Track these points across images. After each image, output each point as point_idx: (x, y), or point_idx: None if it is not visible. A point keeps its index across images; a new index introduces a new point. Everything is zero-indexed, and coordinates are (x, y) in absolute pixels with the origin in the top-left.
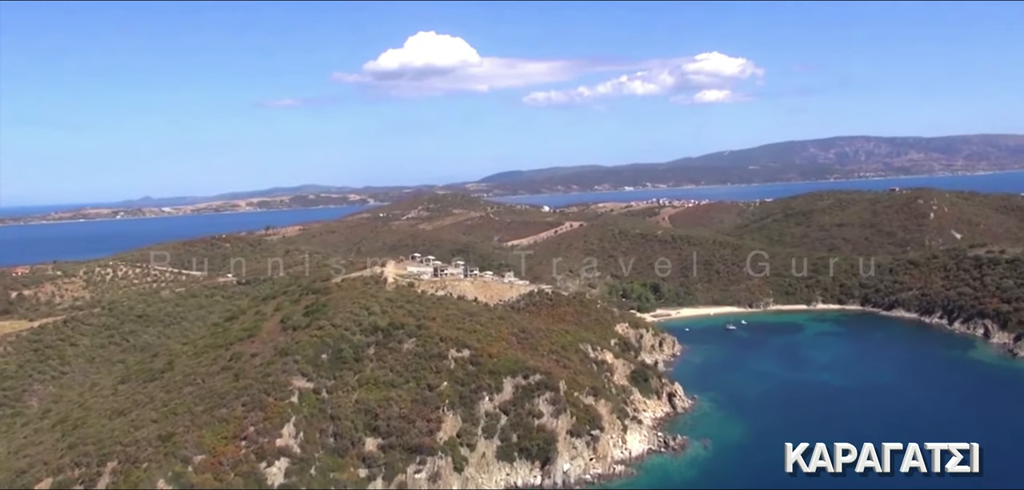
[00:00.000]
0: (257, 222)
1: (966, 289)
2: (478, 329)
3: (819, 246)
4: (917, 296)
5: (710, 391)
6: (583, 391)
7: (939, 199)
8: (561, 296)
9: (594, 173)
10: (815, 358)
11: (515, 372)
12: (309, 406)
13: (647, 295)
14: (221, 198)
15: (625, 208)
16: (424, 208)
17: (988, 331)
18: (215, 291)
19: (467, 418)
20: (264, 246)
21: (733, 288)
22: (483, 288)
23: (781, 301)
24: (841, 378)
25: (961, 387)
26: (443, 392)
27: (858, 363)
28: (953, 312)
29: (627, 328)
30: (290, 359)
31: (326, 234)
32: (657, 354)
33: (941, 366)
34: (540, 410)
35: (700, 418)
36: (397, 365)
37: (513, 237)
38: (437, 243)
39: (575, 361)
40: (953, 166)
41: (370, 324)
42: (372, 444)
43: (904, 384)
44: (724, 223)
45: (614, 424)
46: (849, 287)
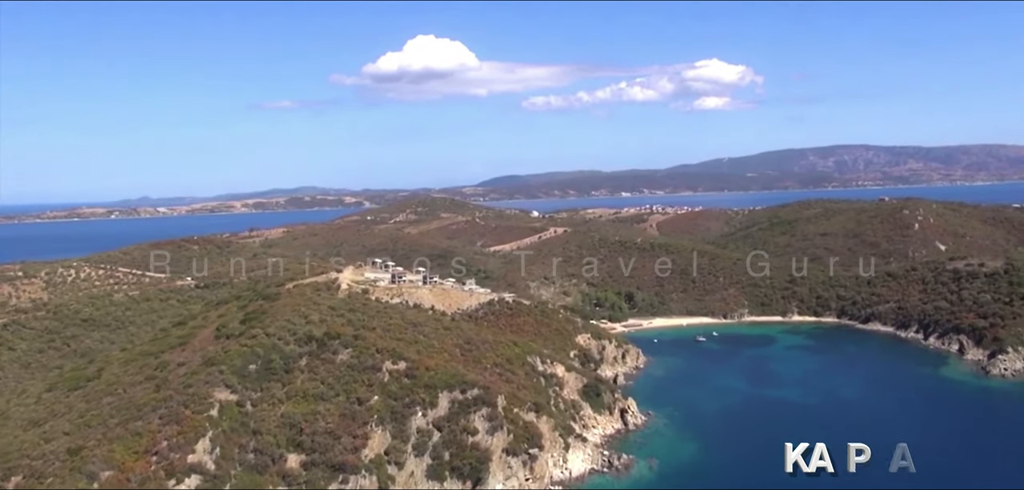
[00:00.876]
0: (249, 223)
1: (943, 303)
2: (420, 340)
3: (801, 256)
4: (894, 309)
5: (668, 407)
6: (524, 407)
7: (925, 210)
8: (522, 305)
9: (592, 178)
10: (782, 373)
11: (452, 386)
12: (230, 419)
13: (620, 304)
14: (219, 199)
15: (614, 214)
16: (412, 212)
17: (963, 347)
18: (171, 295)
19: (397, 434)
20: (233, 249)
21: (708, 298)
22: (442, 296)
23: (756, 312)
24: (805, 395)
25: (925, 408)
26: (373, 406)
27: (824, 379)
28: (929, 327)
29: (589, 339)
30: (215, 369)
31: (308, 237)
32: (619, 366)
33: (909, 385)
34: (475, 427)
35: (652, 436)
36: (329, 377)
37: (497, 242)
38: (417, 247)
39: (520, 375)
40: (952, 176)
41: (305, 333)
42: (295, 461)
43: (867, 403)
44: (711, 231)
45: (555, 442)
46: (826, 299)
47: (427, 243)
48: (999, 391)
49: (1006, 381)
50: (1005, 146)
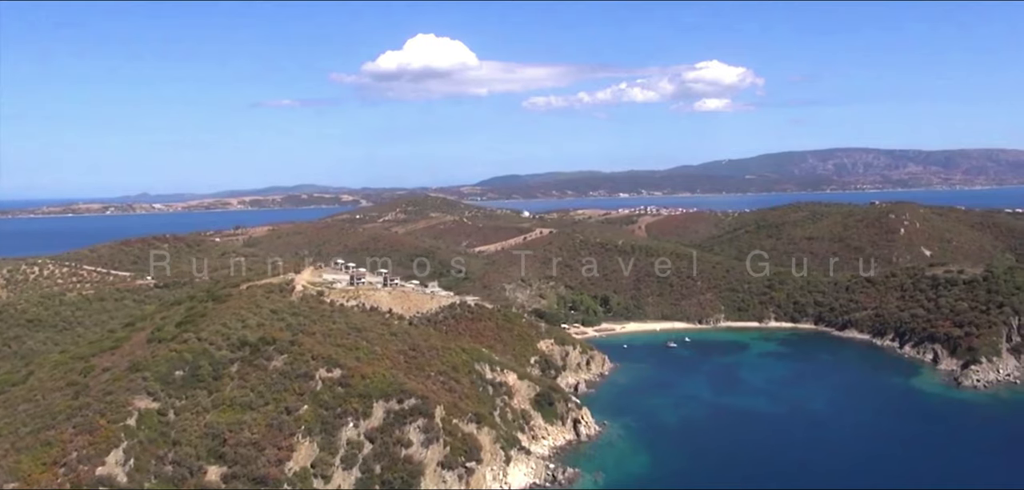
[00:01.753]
0: (245, 221)
1: (920, 310)
2: (361, 347)
3: (785, 260)
4: (871, 316)
5: (626, 416)
6: (464, 418)
7: (912, 214)
8: (485, 309)
9: (592, 179)
10: (750, 382)
11: (388, 395)
12: (149, 429)
13: (595, 308)
14: (220, 196)
15: (604, 216)
16: (402, 211)
17: (937, 356)
18: (127, 294)
19: (326, 446)
20: (204, 248)
21: (684, 303)
22: (401, 299)
23: (733, 317)
24: (771, 405)
25: (890, 422)
26: (302, 416)
27: (792, 389)
28: (905, 335)
29: (551, 345)
30: (140, 376)
31: (293, 235)
32: (582, 373)
33: (878, 396)
34: (410, 438)
35: (603, 447)
36: (260, 385)
37: (482, 243)
38: (397, 248)
39: (465, 383)
40: (951, 180)
41: (239, 339)
42: (215, 473)
43: (833, 416)
44: (699, 233)
45: (496, 455)
46: (803, 305)
47: (410, 243)
48: (967, 405)
49: (977, 393)
50: (1005, 150)
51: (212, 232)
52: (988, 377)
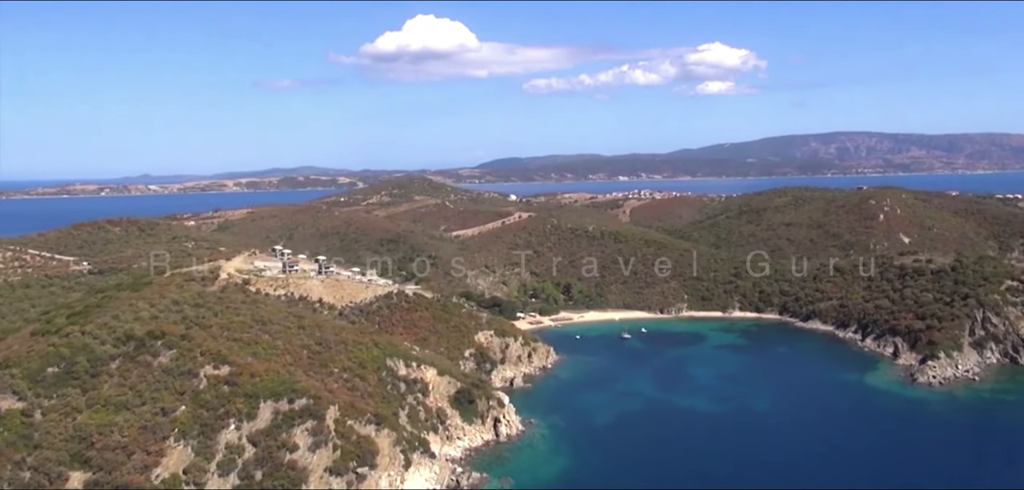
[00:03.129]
0: (241, 202)
1: (885, 301)
2: (261, 341)
3: (763, 247)
4: (835, 307)
5: (556, 414)
6: (362, 419)
7: (893, 200)
8: (422, 299)
9: (592, 162)
10: (698, 377)
11: (278, 395)
12: (9, 432)
13: (557, 296)
14: (217, 178)
15: (590, 200)
16: (387, 194)
17: (897, 350)
18: (57, 281)
19: (202, 450)
20: (157, 232)
21: (647, 292)
22: (334, 288)
23: (696, 307)
24: (713, 403)
25: (831, 422)
26: (177, 418)
27: (739, 385)
28: (867, 327)
29: (491, 337)
30: (7, 373)
31: (268, 219)
32: (523, 367)
33: (829, 393)
34: (296, 442)
35: (522, 449)
36: (141, 383)
37: (461, 227)
38: (368, 232)
39: (372, 381)
40: (954, 164)
41: (125, 332)
42: (78, 479)
43: (773, 415)
44: (682, 218)
45: (394, 458)
46: (768, 294)
47: (384, 227)
48: (916, 404)
49: (931, 390)
50: (1008, 135)
51: (189, 215)
52: (945, 373)
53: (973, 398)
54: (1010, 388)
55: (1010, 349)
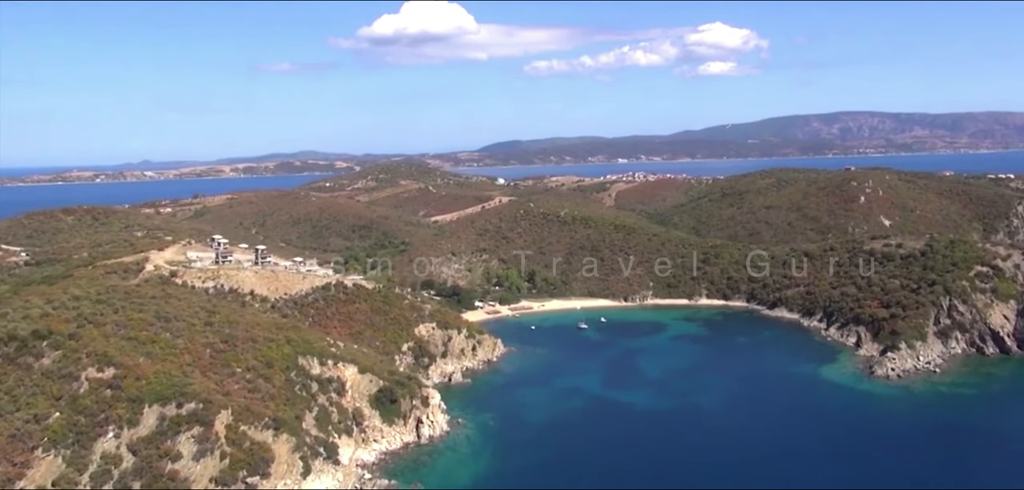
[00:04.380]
0: (236, 187)
1: (851, 288)
2: (159, 339)
3: (741, 231)
4: (802, 294)
5: (489, 413)
6: (258, 423)
7: (876, 181)
8: (362, 290)
9: (593, 145)
10: (647, 370)
11: (166, 399)
12: None
13: (520, 284)
14: (215, 163)
15: (577, 183)
16: (373, 178)
17: (860, 340)
18: None
19: (74, 461)
20: (110, 220)
21: (612, 279)
22: (269, 280)
23: (662, 295)
24: (657, 399)
25: (779, 420)
26: (50, 426)
27: (690, 380)
28: (833, 315)
29: (433, 330)
30: None
31: (244, 205)
32: (466, 360)
33: (780, 388)
34: (180, 450)
35: (443, 451)
36: (18, 387)
37: (440, 212)
38: (338, 218)
39: (277, 382)
40: (957, 144)
41: (8, 332)
42: None
43: (717, 413)
44: (666, 201)
45: (293, 466)
46: (736, 281)
47: (358, 213)
48: (870, 399)
49: (887, 385)
50: (1012, 113)
51: (169, 201)
52: (905, 365)
53: (929, 392)
54: (970, 381)
55: (977, 339)
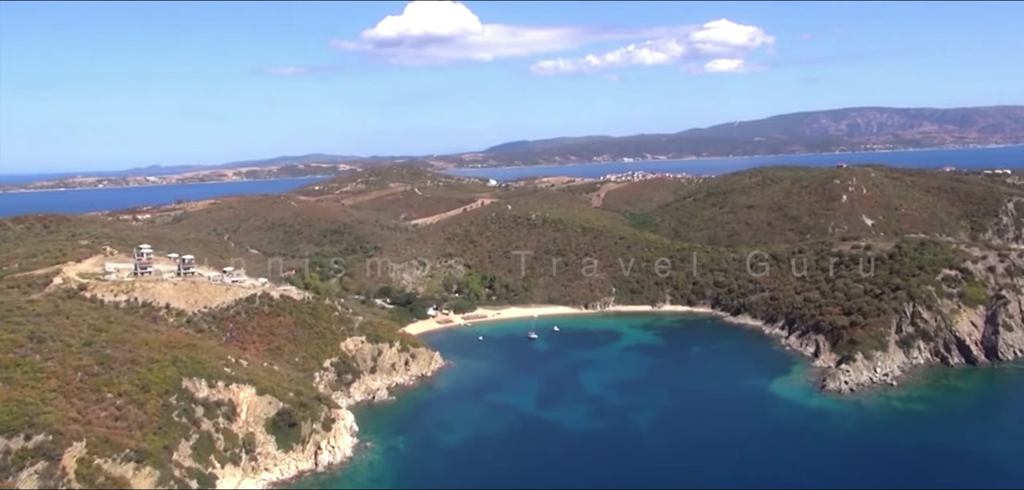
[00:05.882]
0: (241, 191)
1: (815, 293)
2: (25, 362)
3: (721, 232)
4: (766, 300)
5: (403, 435)
6: (118, 455)
7: (860, 179)
8: (290, 301)
9: (600, 144)
10: (589, 385)
11: (13, 430)
12: None
13: (479, 291)
14: (218, 168)
15: (568, 183)
16: (363, 181)
17: (818, 349)
18: None
19: None
20: (60, 228)
21: (575, 284)
22: (188, 292)
23: (625, 301)
24: (590, 419)
25: (713, 442)
26: None
27: (629, 396)
28: (795, 322)
29: (361, 343)
30: None
31: (222, 211)
32: (396, 376)
33: (722, 405)
34: (20, 488)
35: (340, 480)
36: None
37: (420, 215)
38: (311, 223)
39: (152, 407)
40: (965, 139)
41: None
42: None
43: (651, 434)
44: (653, 201)
45: None
46: (702, 286)
47: (333, 217)
48: (815, 417)
49: (838, 400)
50: (1022, 107)
51: (150, 207)
52: (860, 378)
53: (881, 409)
54: (927, 395)
55: (941, 348)
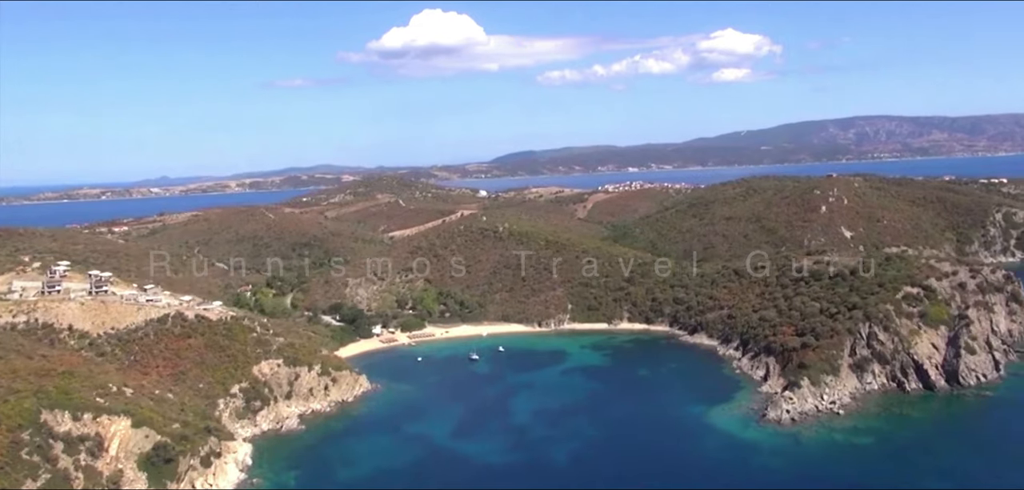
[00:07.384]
0: (243, 202)
1: (772, 312)
2: None
3: (697, 244)
4: (723, 318)
5: (298, 470)
6: None
7: (842, 189)
8: (205, 321)
9: (606, 154)
10: (518, 413)
11: None
12: None
13: (432, 307)
14: (230, 178)
15: (556, 194)
16: (351, 192)
17: (768, 372)
18: None
19: None
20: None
21: (532, 301)
22: (97, 312)
23: (581, 318)
24: (507, 452)
25: (631, 481)
26: None
27: (559, 425)
28: (748, 343)
29: (277, 367)
30: None
31: (199, 224)
32: (313, 402)
33: (653, 436)
34: None
35: None
36: None
37: (399, 227)
38: (281, 236)
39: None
40: (975, 147)
41: None
42: None
43: (568, 471)
44: (638, 212)
45: None
46: (660, 302)
47: (304, 230)
48: (747, 451)
49: (778, 430)
50: None
51: (130, 220)
52: (804, 406)
53: (819, 442)
54: (874, 427)
55: (898, 372)
